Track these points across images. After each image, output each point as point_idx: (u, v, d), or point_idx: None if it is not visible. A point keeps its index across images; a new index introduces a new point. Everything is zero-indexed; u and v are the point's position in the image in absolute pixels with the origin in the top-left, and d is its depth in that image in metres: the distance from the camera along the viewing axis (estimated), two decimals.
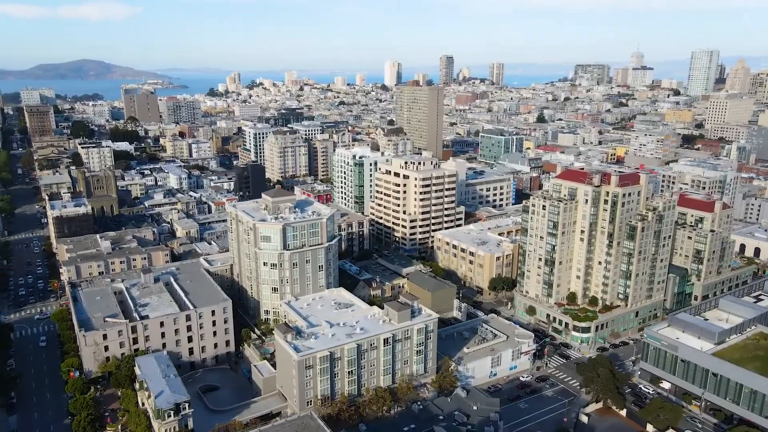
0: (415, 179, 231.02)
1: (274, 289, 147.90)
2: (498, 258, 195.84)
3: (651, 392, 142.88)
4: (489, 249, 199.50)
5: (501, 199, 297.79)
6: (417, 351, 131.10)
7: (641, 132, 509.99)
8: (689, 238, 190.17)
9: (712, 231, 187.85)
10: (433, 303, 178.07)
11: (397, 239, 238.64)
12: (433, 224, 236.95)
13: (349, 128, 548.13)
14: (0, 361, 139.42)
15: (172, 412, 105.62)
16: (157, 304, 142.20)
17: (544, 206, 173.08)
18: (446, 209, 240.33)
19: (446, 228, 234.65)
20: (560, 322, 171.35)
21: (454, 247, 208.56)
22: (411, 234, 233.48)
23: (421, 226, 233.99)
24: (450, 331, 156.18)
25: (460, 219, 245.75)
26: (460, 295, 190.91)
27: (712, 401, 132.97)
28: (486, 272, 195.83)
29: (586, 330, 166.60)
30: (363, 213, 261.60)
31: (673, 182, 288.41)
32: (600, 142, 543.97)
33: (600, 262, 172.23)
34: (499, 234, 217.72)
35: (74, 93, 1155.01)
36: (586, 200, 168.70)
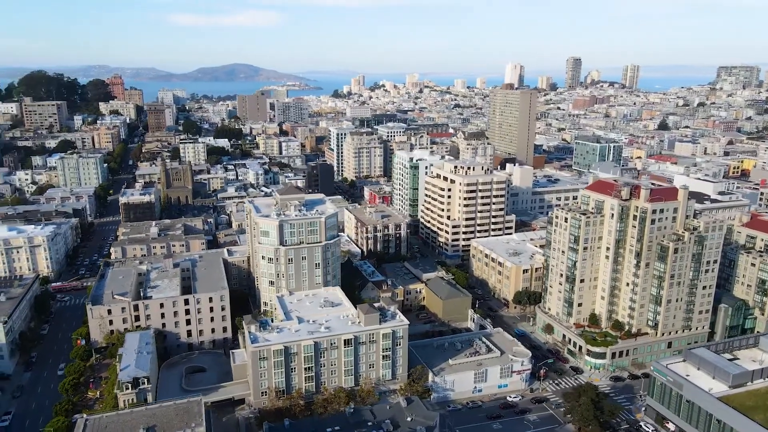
0: (460, 184, 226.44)
1: (271, 283, 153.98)
2: (525, 270, 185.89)
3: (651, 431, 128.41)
4: (519, 260, 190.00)
5: None
6: (384, 356, 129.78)
7: None
8: (752, 265, 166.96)
9: None
10: (444, 310, 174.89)
11: (440, 244, 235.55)
12: (479, 231, 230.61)
13: (450, 130, 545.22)
14: (36, 325, 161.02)
15: (129, 385, 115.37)
16: (164, 287, 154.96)
17: (566, 219, 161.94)
18: (493, 216, 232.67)
19: (493, 236, 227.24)
20: (574, 344, 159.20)
21: (486, 256, 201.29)
22: (453, 240, 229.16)
23: (464, 233, 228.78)
24: (442, 341, 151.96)
25: (509, 227, 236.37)
26: (476, 305, 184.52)
27: None
28: (512, 284, 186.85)
29: (601, 356, 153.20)
30: (417, 216, 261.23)
31: None
32: (727, 153, 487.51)
33: (628, 284, 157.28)
34: (541, 246, 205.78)
35: (220, 93, 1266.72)
36: (612, 214, 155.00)
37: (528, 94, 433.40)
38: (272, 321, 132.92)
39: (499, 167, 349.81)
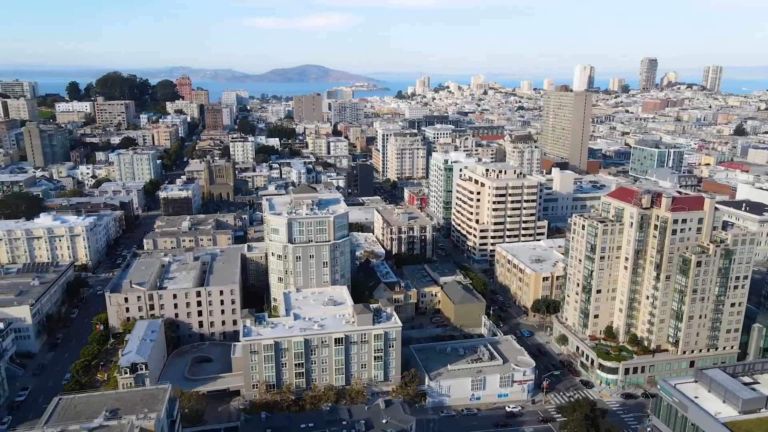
0: (489, 187, 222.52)
1: (280, 279, 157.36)
2: (546, 278, 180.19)
3: None
4: (541, 267, 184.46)
5: None
6: (375, 356, 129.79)
7: None
8: None
9: None
10: (456, 315, 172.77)
11: (469, 248, 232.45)
12: (508, 236, 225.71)
13: (504, 133, 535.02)
14: (67, 309, 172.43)
15: (128, 370, 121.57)
16: (181, 279, 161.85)
17: (583, 226, 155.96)
18: (524, 221, 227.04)
19: (523, 241, 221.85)
20: (587, 357, 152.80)
21: (509, 261, 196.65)
22: (481, 244, 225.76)
23: (493, 237, 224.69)
24: (445, 345, 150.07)
25: (541, 233, 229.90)
26: (497, 312, 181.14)
27: None
28: (531, 292, 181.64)
29: (613, 371, 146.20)
30: (450, 218, 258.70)
31: None
32: None
33: (647, 297, 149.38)
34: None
35: (289, 94, 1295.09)
36: (632, 223, 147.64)
37: (583, 96, 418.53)
38: (268, 316, 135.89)
39: (544, 171, 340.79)
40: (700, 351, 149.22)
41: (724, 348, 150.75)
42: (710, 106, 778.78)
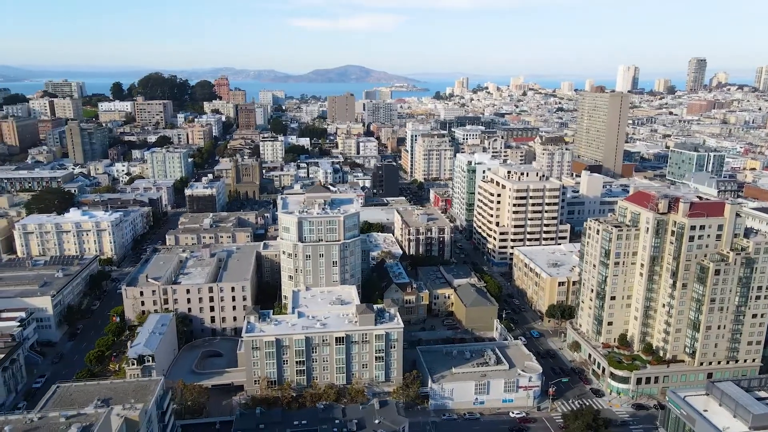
0: (510, 190, 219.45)
1: (290, 277, 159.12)
2: (561, 283, 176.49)
3: None
4: (557, 272, 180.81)
5: None
6: (377, 357, 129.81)
7: None
8: None
9: None
10: (467, 318, 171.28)
11: (489, 251, 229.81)
12: (529, 239, 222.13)
13: (540, 135, 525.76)
14: (89, 301, 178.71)
15: (135, 361, 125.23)
16: (195, 274, 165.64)
17: (597, 231, 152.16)
18: (545, 225, 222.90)
19: (545, 245, 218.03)
20: (599, 365, 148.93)
21: (525, 265, 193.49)
22: (501, 247, 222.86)
23: (513, 240, 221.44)
24: (451, 348, 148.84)
25: (563, 237, 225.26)
26: (510, 316, 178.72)
27: None
28: (546, 297, 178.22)
29: (624, 380, 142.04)
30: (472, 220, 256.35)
31: None
32: None
33: (664, 305, 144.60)
34: None
35: (328, 94, 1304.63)
36: (648, 228, 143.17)
37: (618, 97, 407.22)
38: (273, 313, 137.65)
39: (574, 174, 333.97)
40: (719, 363, 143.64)
41: (745, 361, 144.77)
42: (760, 108, 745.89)
